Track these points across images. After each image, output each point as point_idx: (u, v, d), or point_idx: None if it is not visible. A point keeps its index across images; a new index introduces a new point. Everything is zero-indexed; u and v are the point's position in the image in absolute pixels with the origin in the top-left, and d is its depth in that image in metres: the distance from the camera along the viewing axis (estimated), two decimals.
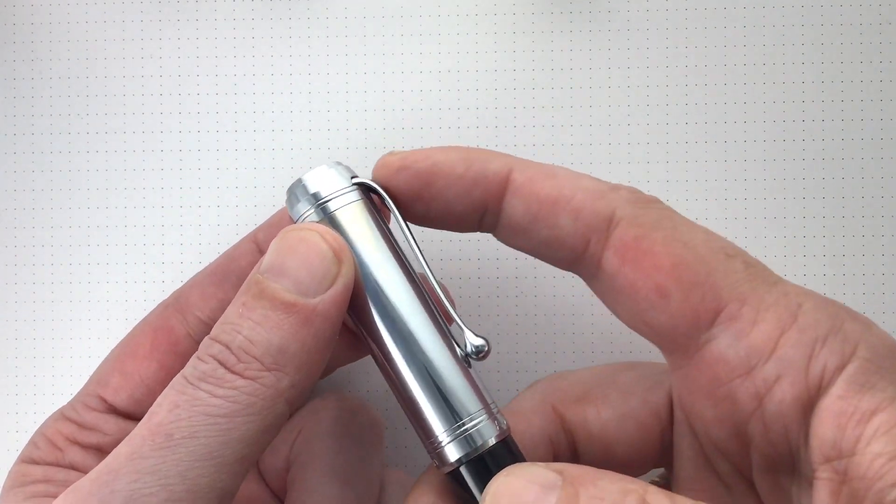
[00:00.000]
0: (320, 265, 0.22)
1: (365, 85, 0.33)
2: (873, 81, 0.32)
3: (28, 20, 0.34)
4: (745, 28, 0.33)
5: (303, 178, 0.24)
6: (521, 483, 0.21)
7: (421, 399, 0.23)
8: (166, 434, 0.21)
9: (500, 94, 0.33)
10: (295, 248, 0.23)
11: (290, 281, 0.22)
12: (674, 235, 0.23)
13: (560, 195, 0.23)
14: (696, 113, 0.33)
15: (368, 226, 0.24)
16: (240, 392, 0.21)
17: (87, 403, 0.27)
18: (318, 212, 0.24)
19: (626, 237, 0.23)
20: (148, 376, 0.26)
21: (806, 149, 0.33)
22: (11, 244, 0.33)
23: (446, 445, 0.23)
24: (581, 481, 0.20)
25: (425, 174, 0.24)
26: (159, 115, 0.33)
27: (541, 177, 0.24)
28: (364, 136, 0.33)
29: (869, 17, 0.32)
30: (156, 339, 0.27)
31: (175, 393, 0.22)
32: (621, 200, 0.23)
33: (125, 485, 0.20)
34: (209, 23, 0.33)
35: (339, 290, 0.22)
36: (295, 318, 0.22)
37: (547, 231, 0.24)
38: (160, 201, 0.33)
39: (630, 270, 0.23)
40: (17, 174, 0.33)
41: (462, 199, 0.24)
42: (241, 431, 0.21)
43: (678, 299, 0.22)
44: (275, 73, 0.33)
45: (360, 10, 0.33)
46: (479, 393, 0.23)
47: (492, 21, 0.33)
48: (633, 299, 0.23)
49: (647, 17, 0.33)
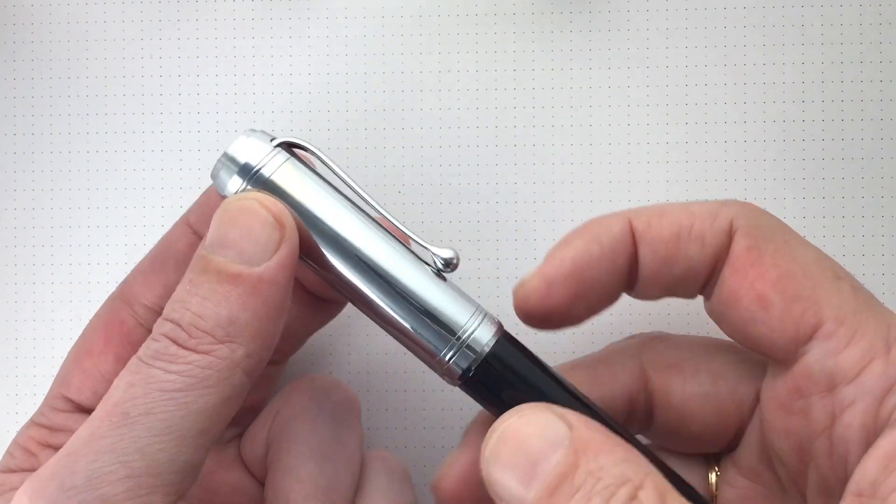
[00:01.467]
0: (262, 232, 0.22)
1: (365, 85, 0.33)
2: (873, 81, 0.32)
3: (28, 20, 0.34)
4: (745, 28, 0.33)
5: (228, 153, 0.24)
6: (531, 432, 0.21)
7: (411, 326, 0.23)
8: (122, 413, 0.21)
9: (500, 94, 0.33)
10: (235, 219, 0.23)
11: (234, 252, 0.22)
12: (784, 249, 0.23)
13: (680, 227, 0.24)
14: (696, 113, 0.33)
15: (306, 180, 0.24)
16: (194, 366, 0.21)
17: (53, 406, 0.27)
18: (253, 182, 0.24)
19: (740, 248, 0.23)
20: (107, 370, 0.26)
21: (806, 149, 0.32)
22: (11, 244, 0.33)
23: (450, 362, 0.23)
24: (584, 451, 0.20)
25: (573, 278, 0.24)
26: (159, 115, 0.33)
27: (656, 217, 0.24)
28: (364, 135, 0.33)
29: (869, 17, 0.32)
30: (108, 333, 0.27)
31: (129, 373, 0.22)
32: (735, 212, 0.24)
33: (85, 465, 0.21)
34: (209, 23, 0.33)
35: (285, 255, 0.22)
36: (242, 289, 0.22)
37: (679, 266, 0.24)
38: (160, 201, 0.33)
39: (737, 281, 0.23)
40: (17, 174, 0.33)
41: (610, 279, 0.24)
42: (198, 405, 0.21)
43: (779, 311, 0.22)
44: (275, 73, 0.33)
45: (360, 10, 0.33)
46: (463, 302, 0.24)
47: (492, 21, 0.33)
48: (736, 309, 0.23)
49: (647, 17, 0.33)
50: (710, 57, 0.33)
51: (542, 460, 0.21)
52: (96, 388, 0.26)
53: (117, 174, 0.33)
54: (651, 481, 0.20)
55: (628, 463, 0.20)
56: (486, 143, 0.33)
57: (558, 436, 0.21)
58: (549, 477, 0.20)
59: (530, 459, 0.21)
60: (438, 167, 0.33)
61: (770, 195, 0.32)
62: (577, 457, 0.20)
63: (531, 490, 0.20)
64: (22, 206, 0.33)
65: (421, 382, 0.32)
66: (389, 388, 0.32)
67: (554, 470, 0.20)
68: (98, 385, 0.26)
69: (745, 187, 0.32)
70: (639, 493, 0.20)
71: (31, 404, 0.33)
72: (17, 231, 0.33)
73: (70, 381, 0.27)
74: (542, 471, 0.20)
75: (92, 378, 0.26)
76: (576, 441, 0.21)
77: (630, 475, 0.20)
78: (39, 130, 0.33)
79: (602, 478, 0.20)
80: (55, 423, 0.26)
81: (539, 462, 0.21)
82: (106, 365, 0.26)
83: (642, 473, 0.20)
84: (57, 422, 0.26)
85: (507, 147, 0.33)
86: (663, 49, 0.33)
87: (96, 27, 0.33)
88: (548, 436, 0.21)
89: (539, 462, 0.21)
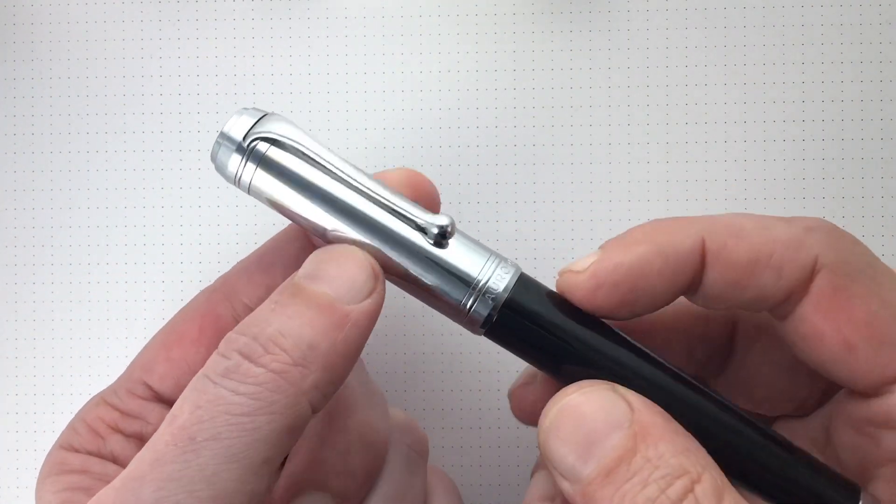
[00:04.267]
0: (359, 275, 0.22)
1: (365, 85, 0.33)
2: (873, 81, 0.32)
3: (28, 20, 0.34)
4: (745, 28, 0.33)
5: (224, 132, 0.24)
6: (592, 409, 0.21)
7: (426, 280, 0.23)
8: (189, 437, 0.20)
9: (500, 94, 0.33)
10: (335, 258, 0.23)
11: (329, 286, 0.22)
12: (873, 289, 0.22)
13: (759, 256, 0.22)
14: (696, 113, 0.33)
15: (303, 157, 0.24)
16: (263, 388, 0.21)
17: (130, 390, 0.26)
18: (252, 158, 0.23)
19: (826, 287, 0.22)
20: (196, 362, 0.25)
21: (806, 149, 0.32)
22: (11, 244, 0.33)
23: (471, 311, 0.23)
24: (644, 436, 0.20)
25: (625, 286, 0.23)
26: (159, 115, 0.33)
27: (732, 239, 0.23)
28: (364, 136, 0.33)
29: (869, 17, 0.32)
30: (203, 324, 0.26)
31: (196, 393, 0.21)
32: (822, 245, 0.22)
33: (150, 493, 0.20)
34: (209, 23, 0.33)
35: (373, 304, 0.22)
36: (328, 319, 0.22)
37: (750, 293, 0.23)
38: (160, 201, 0.33)
39: (821, 320, 0.22)
40: (17, 174, 0.33)
41: (665, 292, 0.23)
42: (264, 431, 0.21)
43: (864, 356, 0.22)
44: (275, 73, 0.33)
45: (360, 10, 0.33)
46: (477, 250, 0.24)
47: (492, 21, 0.33)
48: (818, 349, 0.23)
49: (647, 17, 0.33)
50: (710, 57, 0.33)
51: (601, 440, 0.20)
52: (180, 378, 0.26)
53: (117, 174, 0.33)
54: (709, 475, 0.20)
55: (688, 454, 0.20)
56: (487, 143, 0.33)
57: (619, 417, 0.21)
58: (606, 458, 0.20)
59: (589, 437, 0.21)
60: (439, 167, 0.33)
61: (770, 195, 0.32)
62: (636, 441, 0.20)
63: (587, 467, 0.20)
64: (22, 206, 0.33)
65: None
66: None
67: (612, 452, 0.20)
68: (182, 376, 0.26)
69: (745, 187, 0.32)
70: (695, 487, 0.19)
71: (31, 404, 0.33)
72: (17, 231, 0.33)
73: (154, 367, 0.26)
74: (600, 450, 0.20)
75: (178, 367, 0.26)
76: (636, 425, 0.20)
77: (688, 467, 0.20)
78: (39, 130, 0.33)
79: (659, 466, 0.20)
80: (130, 408, 0.26)
81: (598, 441, 0.20)
82: (196, 356, 0.26)
83: (700, 466, 0.20)
84: (132, 407, 0.26)
85: (507, 147, 0.33)
86: (663, 49, 0.33)
87: (96, 27, 0.33)
88: (609, 416, 0.21)
89: (598, 441, 0.20)
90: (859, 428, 0.23)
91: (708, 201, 0.32)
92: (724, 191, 0.32)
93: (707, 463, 0.20)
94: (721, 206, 0.32)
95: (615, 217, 0.33)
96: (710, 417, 0.23)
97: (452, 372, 0.32)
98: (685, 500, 0.19)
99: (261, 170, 0.24)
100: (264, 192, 0.24)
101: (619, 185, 0.33)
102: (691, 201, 0.32)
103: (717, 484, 0.20)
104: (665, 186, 0.33)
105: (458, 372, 0.32)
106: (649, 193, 0.33)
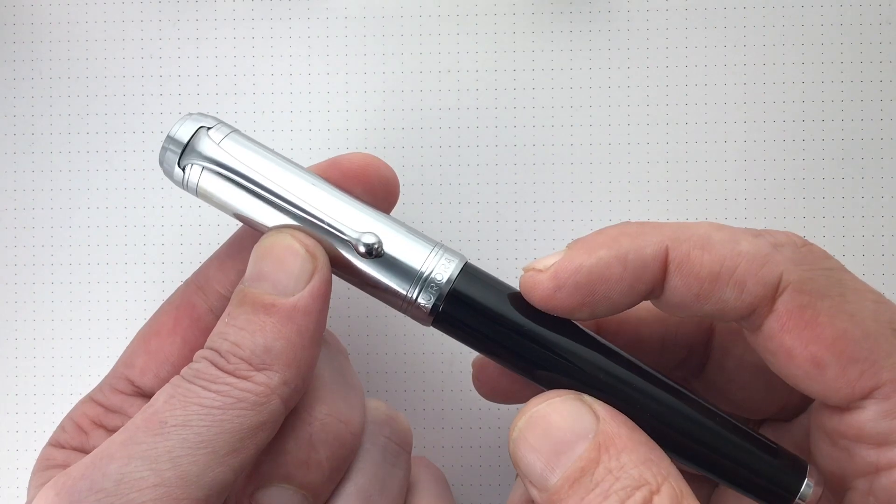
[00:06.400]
0: (294, 264, 0.23)
1: (365, 85, 0.33)
2: (873, 81, 0.32)
3: (28, 20, 0.34)
4: (745, 28, 0.33)
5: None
6: (559, 419, 0.21)
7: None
8: (160, 421, 0.21)
9: (500, 94, 0.33)
10: (269, 253, 0.23)
11: (269, 284, 0.23)
12: (841, 306, 0.22)
13: (722, 269, 0.22)
14: (696, 113, 0.33)
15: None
16: (232, 387, 0.22)
17: (114, 386, 0.27)
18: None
19: (791, 305, 0.22)
20: (172, 353, 0.26)
21: (806, 149, 0.32)
22: (11, 244, 0.33)
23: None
24: (608, 446, 0.21)
25: (584, 289, 0.23)
26: (159, 115, 0.33)
27: (697, 250, 0.23)
28: (364, 136, 0.33)
29: (869, 17, 0.32)
30: (178, 315, 0.27)
31: (171, 387, 0.22)
32: (787, 262, 0.22)
33: (116, 468, 0.21)
34: (209, 23, 0.33)
35: (317, 285, 0.23)
36: (276, 318, 0.23)
37: (711, 306, 0.23)
38: (160, 201, 0.33)
39: (789, 338, 0.22)
40: (17, 174, 0.33)
41: (625, 298, 0.23)
42: (233, 423, 0.22)
43: (834, 373, 0.22)
44: (275, 73, 0.33)
45: (360, 10, 0.33)
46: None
47: (492, 21, 0.33)
48: (788, 366, 0.23)
49: (647, 17, 0.33)
50: (710, 57, 0.33)
51: (566, 450, 0.21)
52: (159, 370, 0.26)
53: (117, 174, 0.33)
54: (669, 486, 0.20)
55: (649, 464, 0.21)
56: (486, 143, 0.33)
57: (585, 427, 0.21)
58: (570, 468, 0.21)
59: (555, 447, 0.21)
60: (438, 167, 0.33)
61: (770, 195, 0.32)
62: (599, 452, 0.21)
63: (553, 476, 0.21)
64: (22, 206, 0.33)
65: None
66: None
67: (576, 462, 0.21)
68: (161, 368, 0.26)
69: (746, 187, 0.32)
70: (654, 498, 0.20)
71: (31, 404, 0.33)
72: (17, 231, 0.33)
73: (134, 362, 0.27)
74: (565, 459, 0.21)
75: (156, 360, 0.27)
76: (600, 435, 0.21)
77: (648, 478, 0.20)
78: (39, 130, 0.33)
79: (620, 478, 0.20)
80: (112, 403, 0.26)
81: (564, 451, 0.21)
82: (172, 347, 0.27)
83: (661, 476, 0.20)
84: (114, 402, 0.26)
85: (507, 147, 0.33)
86: (663, 49, 0.33)
87: (96, 27, 0.33)
88: (574, 425, 0.21)
89: (564, 451, 0.21)
90: (833, 440, 0.23)
91: (708, 201, 0.32)
92: (724, 191, 0.32)
93: (669, 472, 0.21)
94: (721, 205, 0.32)
95: (615, 217, 0.33)
96: (651, 396, 0.23)
97: (452, 372, 0.32)
98: None
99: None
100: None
101: (619, 185, 0.33)
102: (691, 201, 0.32)
103: (675, 494, 0.20)
104: (665, 186, 0.33)
105: (458, 372, 0.32)
106: (649, 193, 0.33)
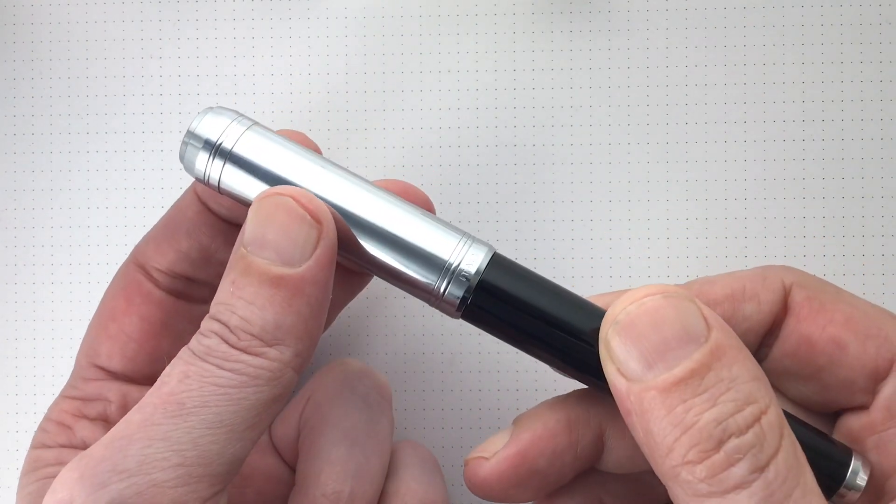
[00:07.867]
0: (300, 231, 0.22)
1: (365, 85, 0.33)
2: (873, 81, 0.32)
3: (28, 20, 0.34)
4: (745, 28, 0.33)
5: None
6: (673, 316, 0.20)
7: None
8: (178, 403, 0.21)
9: (500, 94, 0.33)
10: (272, 217, 0.22)
11: (274, 252, 0.22)
12: (839, 296, 0.24)
13: (732, 290, 0.24)
14: (696, 113, 0.33)
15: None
16: (246, 365, 0.22)
17: (83, 377, 0.27)
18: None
19: (801, 298, 0.23)
20: (132, 331, 0.26)
21: (806, 149, 0.32)
22: (11, 244, 0.33)
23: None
24: (719, 356, 0.20)
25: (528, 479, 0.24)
26: (159, 115, 0.33)
27: (707, 285, 0.24)
28: (364, 136, 0.33)
29: (869, 17, 0.32)
30: (128, 296, 0.27)
31: (184, 363, 0.22)
32: (782, 271, 0.24)
33: (138, 450, 0.21)
34: (209, 23, 0.33)
35: (323, 253, 0.22)
36: (285, 292, 0.22)
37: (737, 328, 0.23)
38: (160, 201, 0.33)
39: (806, 326, 0.23)
40: (17, 174, 0.33)
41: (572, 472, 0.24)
42: (250, 401, 0.22)
43: (855, 350, 0.22)
44: (275, 73, 0.33)
45: (360, 10, 0.33)
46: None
47: (492, 21, 0.33)
48: (811, 355, 0.23)
49: (647, 17, 0.33)
50: (710, 57, 0.33)
51: (675, 348, 0.20)
52: (124, 350, 0.26)
53: (117, 174, 0.33)
54: (774, 409, 0.20)
55: (758, 382, 0.20)
56: (487, 143, 0.33)
57: (697, 331, 0.20)
58: (678, 368, 0.20)
59: (663, 342, 0.20)
60: (438, 167, 0.33)
61: (770, 195, 0.32)
62: (711, 360, 0.20)
63: (652, 372, 0.20)
64: (22, 206, 0.33)
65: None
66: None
67: (686, 363, 0.20)
68: (126, 347, 0.26)
69: (745, 187, 0.32)
70: (762, 418, 0.19)
71: (31, 404, 0.33)
72: (17, 231, 0.33)
73: (98, 349, 0.27)
74: (672, 358, 0.20)
75: (119, 342, 0.27)
76: (714, 343, 0.20)
77: (758, 396, 0.20)
78: (39, 130, 0.33)
79: (731, 389, 0.19)
80: (88, 393, 0.26)
81: (672, 349, 0.20)
82: (131, 326, 0.27)
83: (768, 399, 0.20)
84: (91, 392, 0.26)
85: (507, 147, 0.33)
86: (663, 49, 0.33)
87: (96, 27, 0.33)
88: (688, 327, 0.20)
89: (672, 349, 0.20)
90: (862, 444, 0.23)
91: (708, 201, 0.32)
92: (724, 191, 0.32)
93: (772, 396, 0.20)
94: (721, 206, 0.32)
95: (615, 217, 0.33)
96: None
97: (452, 372, 0.32)
98: (752, 429, 0.19)
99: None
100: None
101: (619, 185, 0.33)
102: (691, 201, 0.32)
103: (781, 419, 0.20)
104: (665, 186, 0.33)
105: (458, 372, 0.32)
106: (649, 193, 0.33)
